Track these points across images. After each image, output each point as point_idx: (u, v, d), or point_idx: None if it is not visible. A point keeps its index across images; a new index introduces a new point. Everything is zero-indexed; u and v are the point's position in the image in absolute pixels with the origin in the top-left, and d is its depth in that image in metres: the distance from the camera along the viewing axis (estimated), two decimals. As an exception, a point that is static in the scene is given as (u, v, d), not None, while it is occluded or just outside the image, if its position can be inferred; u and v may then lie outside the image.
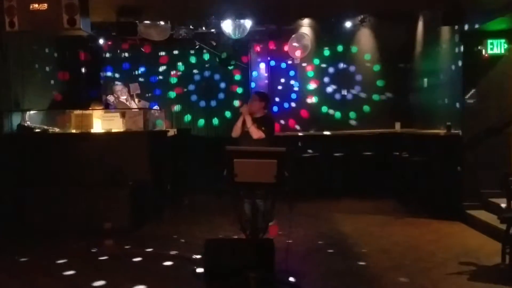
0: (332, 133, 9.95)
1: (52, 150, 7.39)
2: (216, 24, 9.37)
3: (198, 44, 10.42)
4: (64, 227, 6.81)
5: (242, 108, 5.78)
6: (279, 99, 10.30)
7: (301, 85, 10.30)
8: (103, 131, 7.76)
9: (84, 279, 4.96)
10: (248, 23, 8.95)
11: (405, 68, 9.82)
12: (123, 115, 7.90)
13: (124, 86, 9.61)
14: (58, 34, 7.93)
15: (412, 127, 9.27)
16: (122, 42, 10.46)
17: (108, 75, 10.85)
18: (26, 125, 7.77)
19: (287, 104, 10.32)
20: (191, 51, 10.68)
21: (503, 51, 6.93)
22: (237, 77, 10.74)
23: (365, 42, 10.13)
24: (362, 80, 10.18)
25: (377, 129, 9.79)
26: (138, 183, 7.23)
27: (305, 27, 10.07)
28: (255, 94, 6.06)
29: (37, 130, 7.79)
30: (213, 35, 10.00)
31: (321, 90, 10.25)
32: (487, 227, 6.29)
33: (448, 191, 7.47)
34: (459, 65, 7.36)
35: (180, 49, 10.72)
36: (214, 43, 10.30)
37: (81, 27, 5.86)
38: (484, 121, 7.14)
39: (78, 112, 7.97)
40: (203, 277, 4.73)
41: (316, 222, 7.35)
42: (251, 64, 10.49)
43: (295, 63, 10.21)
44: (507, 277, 4.75)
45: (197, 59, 10.79)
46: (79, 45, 9.95)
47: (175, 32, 9.55)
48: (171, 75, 10.83)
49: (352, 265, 5.30)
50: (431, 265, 5.20)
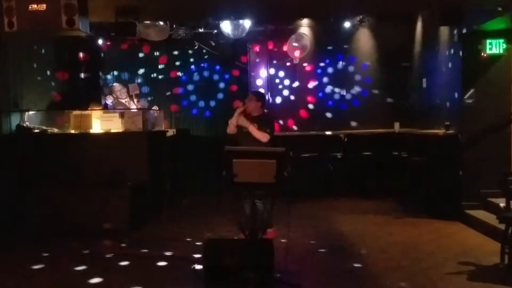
0: (331, 133, 9.95)
1: (51, 150, 7.38)
2: (215, 24, 9.38)
3: (197, 44, 10.41)
4: (63, 227, 6.79)
5: (237, 107, 5.75)
6: (278, 99, 10.31)
7: (300, 85, 10.30)
8: (102, 131, 7.76)
9: (83, 279, 4.95)
10: (247, 23, 8.95)
11: (404, 68, 9.82)
12: (122, 116, 7.91)
13: (123, 86, 9.60)
14: (57, 34, 7.91)
15: (411, 127, 9.27)
16: (121, 42, 10.44)
17: (107, 76, 10.85)
18: (25, 125, 7.78)
19: (286, 104, 10.32)
20: (190, 51, 10.69)
21: (501, 51, 6.92)
22: (236, 77, 10.74)
23: (364, 42, 10.13)
24: (361, 80, 10.19)
25: (376, 129, 9.80)
26: (137, 184, 7.22)
27: (304, 27, 10.06)
28: (252, 93, 6.08)
29: (36, 130, 7.79)
30: (212, 35, 10.00)
31: (320, 90, 10.26)
32: (486, 227, 6.29)
33: (447, 191, 7.47)
34: (458, 65, 7.36)
35: (179, 49, 10.72)
36: (213, 43, 10.30)
37: (80, 28, 5.84)
38: (483, 121, 7.15)
39: (77, 112, 7.97)
40: (202, 276, 4.73)
41: (315, 222, 7.35)
42: (250, 64, 10.49)
43: (294, 63, 10.21)
44: (506, 277, 4.75)
45: (196, 59, 10.80)
46: (78, 46, 9.95)
47: (174, 32, 9.56)
48: (170, 75, 10.83)
49: (351, 265, 5.30)
50: (430, 264, 5.21)
